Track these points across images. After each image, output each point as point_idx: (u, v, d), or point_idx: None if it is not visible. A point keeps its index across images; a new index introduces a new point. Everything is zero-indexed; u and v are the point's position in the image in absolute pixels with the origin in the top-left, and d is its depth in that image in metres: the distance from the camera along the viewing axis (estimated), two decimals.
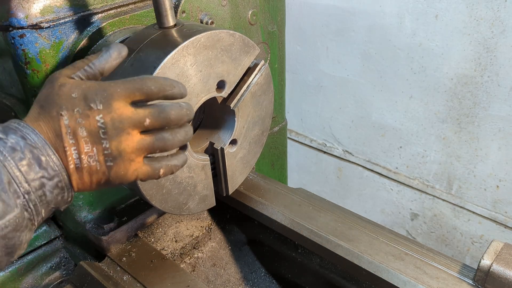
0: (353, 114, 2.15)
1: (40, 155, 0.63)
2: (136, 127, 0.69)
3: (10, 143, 0.62)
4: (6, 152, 0.61)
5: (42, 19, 0.96)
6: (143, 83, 0.69)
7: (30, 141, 0.63)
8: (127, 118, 0.68)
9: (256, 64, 1.08)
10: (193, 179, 1.06)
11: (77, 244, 1.31)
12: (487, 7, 1.56)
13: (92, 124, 0.66)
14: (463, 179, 1.90)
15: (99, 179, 0.69)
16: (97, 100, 0.67)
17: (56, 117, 0.66)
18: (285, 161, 1.89)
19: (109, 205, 1.24)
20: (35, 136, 0.64)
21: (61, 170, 0.65)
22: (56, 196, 0.66)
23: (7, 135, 0.63)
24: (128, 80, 0.70)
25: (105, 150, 0.67)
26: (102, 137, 0.67)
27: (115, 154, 0.68)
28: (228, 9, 1.29)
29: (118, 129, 0.67)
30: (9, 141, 0.62)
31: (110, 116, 0.67)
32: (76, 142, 0.66)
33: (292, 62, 2.25)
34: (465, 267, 1.09)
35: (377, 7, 1.83)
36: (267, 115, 1.18)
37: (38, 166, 0.63)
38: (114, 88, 0.68)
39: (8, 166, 0.61)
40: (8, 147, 0.62)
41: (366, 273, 1.13)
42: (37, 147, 0.64)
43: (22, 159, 0.62)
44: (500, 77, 1.62)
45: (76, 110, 0.66)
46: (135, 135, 0.69)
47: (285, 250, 1.41)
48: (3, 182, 0.59)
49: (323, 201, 1.37)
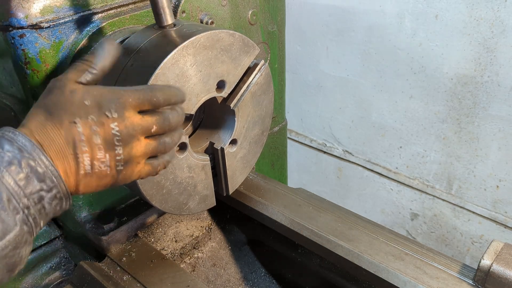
0: (353, 114, 2.16)
1: (37, 167, 0.63)
2: (144, 134, 0.73)
3: (7, 157, 0.61)
4: (4, 167, 0.60)
5: (42, 19, 0.96)
6: (152, 95, 0.73)
7: (27, 152, 0.63)
8: (138, 126, 0.71)
9: (256, 64, 1.08)
10: (193, 179, 1.06)
11: (77, 244, 1.31)
12: (487, 7, 1.56)
13: (107, 131, 0.68)
14: (463, 179, 1.90)
15: (107, 182, 0.72)
16: (112, 108, 0.69)
17: (69, 125, 0.66)
18: (285, 161, 1.89)
19: (109, 205, 1.24)
20: (31, 146, 0.63)
21: (59, 181, 0.65)
22: (55, 206, 0.67)
23: (2, 148, 0.62)
24: (138, 90, 0.73)
25: (117, 156, 0.70)
26: (116, 144, 0.69)
27: (126, 159, 0.71)
28: (228, 9, 1.29)
29: (131, 136, 0.71)
30: (6, 154, 0.61)
31: (124, 124, 0.70)
32: (90, 149, 0.67)
33: (292, 62, 2.25)
34: (465, 267, 1.09)
35: (377, 7, 1.83)
36: (267, 115, 1.18)
37: (36, 179, 0.63)
38: (126, 97, 0.71)
39: (7, 182, 0.60)
40: (5, 162, 0.61)
41: (366, 273, 1.13)
42: (35, 158, 0.63)
43: (20, 173, 0.61)
44: (500, 77, 1.62)
45: (90, 117, 0.67)
46: (142, 140, 0.73)
47: (285, 250, 1.41)
48: (2, 200, 0.59)
49: (323, 201, 1.37)
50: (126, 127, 0.70)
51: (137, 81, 0.88)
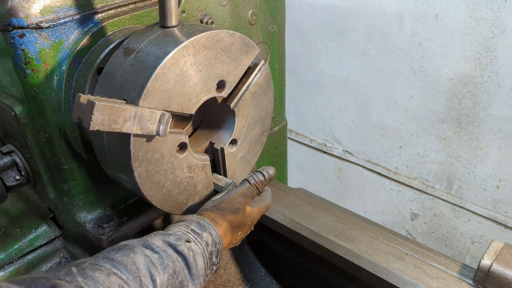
0: (353, 114, 2.16)
1: (219, 248, 0.94)
2: None
3: (205, 238, 0.91)
4: (205, 246, 0.90)
5: (42, 19, 0.96)
6: (267, 208, 1.08)
7: (215, 236, 0.93)
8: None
9: (256, 64, 1.08)
10: (193, 179, 1.06)
11: (77, 244, 1.31)
12: (487, 7, 1.56)
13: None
14: (463, 179, 1.90)
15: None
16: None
17: (238, 233, 1.01)
18: (285, 161, 1.89)
19: (109, 205, 1.24)
20: (217, 235, 0.94)
21: (221, 255, 0.96)
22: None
23: (202, 231, 0.92)
24: (262, 209, 1.06)
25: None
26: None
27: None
28: (228, 9, 1.29)
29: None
30: (204, 236, 0.91)
31: None
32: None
33: (292, 62, 2.25)
34: (465, 267, 1.09)
35: (377, 7, 1.83)
36: (267, 115, 1.18)
37: (215, 257, 0.93)
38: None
39: (207, 257, 0.90)
40: (204, 242, 0.90)
41: (366, 273, 1.13)
42: (217, 242, 0.93)
43: (213, 252, 0.91)
44: (500, 77, 1.62)
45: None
46: None
47: (285, 250, 1.41)
48: (202, 269, 0.88)
49: (323, 201, 1.38)
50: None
51: (137, 81, 0.88)
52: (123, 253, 0.82)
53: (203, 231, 0.92)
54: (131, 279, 0.78)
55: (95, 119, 0.79)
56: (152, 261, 0.82)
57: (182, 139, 0.99)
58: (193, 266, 0.86)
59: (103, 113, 0.80)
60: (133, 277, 0.78)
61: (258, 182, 1.07)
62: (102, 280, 0.74)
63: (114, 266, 0.78)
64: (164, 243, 0.86)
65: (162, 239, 0.87)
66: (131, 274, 0.78)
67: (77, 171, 1.15)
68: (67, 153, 1.12)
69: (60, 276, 0.72)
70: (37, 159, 1.14)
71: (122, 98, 0.89)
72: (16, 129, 1.12)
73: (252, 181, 1.07)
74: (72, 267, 0.75)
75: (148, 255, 0.82)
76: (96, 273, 0.75)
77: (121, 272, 0.78)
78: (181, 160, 1.01)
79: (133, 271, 0.79)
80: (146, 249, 0.84)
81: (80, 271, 0.74)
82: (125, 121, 0.84)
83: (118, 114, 0.82)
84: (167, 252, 0.85)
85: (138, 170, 0.92)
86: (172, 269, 0.83)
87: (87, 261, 0.78)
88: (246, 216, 1.02)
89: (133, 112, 0.84)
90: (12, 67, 1.01)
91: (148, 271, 0.80)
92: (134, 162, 0.91)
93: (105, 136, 0.94)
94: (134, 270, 0.79)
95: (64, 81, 1.03)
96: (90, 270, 0.75)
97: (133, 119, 0.85)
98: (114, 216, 1.20)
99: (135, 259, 0.81)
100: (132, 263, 0.80)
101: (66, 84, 1.04)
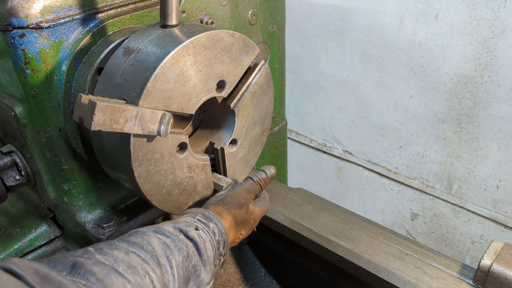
0: (353, 114, 2.16)
1: (225, 239, 0.95)
2: None
3: (212, 227, 0.93)
4: (212, 235, 0.91)
5: (42, 19, 0.96)
6: (267, 209, 1.11)
7: (220, 227, 0.95)
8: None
9: (256, 64, 1.08)
10: (193, 179, 1.06)
11: (77, 244, 1.31)
12: (487, 7, 1.56)
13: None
14: (463, 179, 1.90)
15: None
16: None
17: (241, 231, 1.03)
18: (285, 161, 1.89)
19: (109, 205, 1.24)
20: (222, 226, 0.95)
21: (228, 246, 0.98)
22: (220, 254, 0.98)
23: (208, 222, 0.93)
24: (263, 210, 1.09)
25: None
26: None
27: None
28: (228, 9, 1.29)
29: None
30: (211, 226, 0.93)
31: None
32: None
33: (292, 62, 2.25)
34: (465, 267, 1.09)
35: (377, 7, 1.83)
36: (267, 115, 1.18)
37: (222, 247, 0.94)
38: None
39: (215, 246, 0.91)
40: (211, 231, 0.92)
41: (366, 273, 1.13)
42: (223, 233, 0.95)
43: (220, 242, 0.93)
44: (500, 77, 1.62)
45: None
46: None
47: (285, 250, 1.41)
48: (212, 257, 0.89)
49: (323, 201, 1.38)
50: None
51: (137, 81, 0.88)
52: (137, 235, 0.83)
53: (210, 222, 0.94)
54: (149, 257, 0.79)
55: (97, 119, 0.79)
56: (166, 243, 0.82)
57: (182, 139, 0.99)
58: (204, 252, 0.87)
59: (104, 113, 0.80)
60: (150, 256, 0.79)
61: (261, 180, 1.10)
62: (122, 257, 0.75)
63: (131, 246, 0.79)
64: (175, 229, 0.87)
65: (172, 225, 0.88)
66: (148, 253, 0.79)
67: (77, 171, 1.15)
68: (67, 153, 1.12)
69: (78, 255, 0.73)
70: (37, 159, 1.14)
71: (122, 98, 0.89)
72: (16, 129, 1.12)
73: (255, 178, 1.10)
74: (89, 248, 0.76)
75: (161, 239, 0.83)
76: (115, 251, 0.76)
77: (139, 251, 0.79)
78: (181, 160, 1.01)
79: (150, 250, 0.80)
80: (158, 234, 0.85)
81: (98, 250, 0.76)
82: (126, 121, 0.84)
83: (120, 114, 0.82)
84: (179, 237, 0.86)
85: (138, 170, 0.92)
86: (186, 251, 0.84)
87: (102, 243, 0.79)
88: (249, 213, 1.03)
89: (134, 112, 0.84)
90: (12, 67, 1.01)
91: (164, 252, 0.81)
92: (134, 162, 0.91)
93: (105, 136, 0.94)
94: (151, 250, 0.80)
95: (64, 81, 1.03)
96: (108, 249, 0.76)
97: (134, 119, 0.85)
98: (114, 216, 1.20)
99: (150, 241, 0.82)
100: (148, 244, 0.81)
101: (66, 84, 1.04)
